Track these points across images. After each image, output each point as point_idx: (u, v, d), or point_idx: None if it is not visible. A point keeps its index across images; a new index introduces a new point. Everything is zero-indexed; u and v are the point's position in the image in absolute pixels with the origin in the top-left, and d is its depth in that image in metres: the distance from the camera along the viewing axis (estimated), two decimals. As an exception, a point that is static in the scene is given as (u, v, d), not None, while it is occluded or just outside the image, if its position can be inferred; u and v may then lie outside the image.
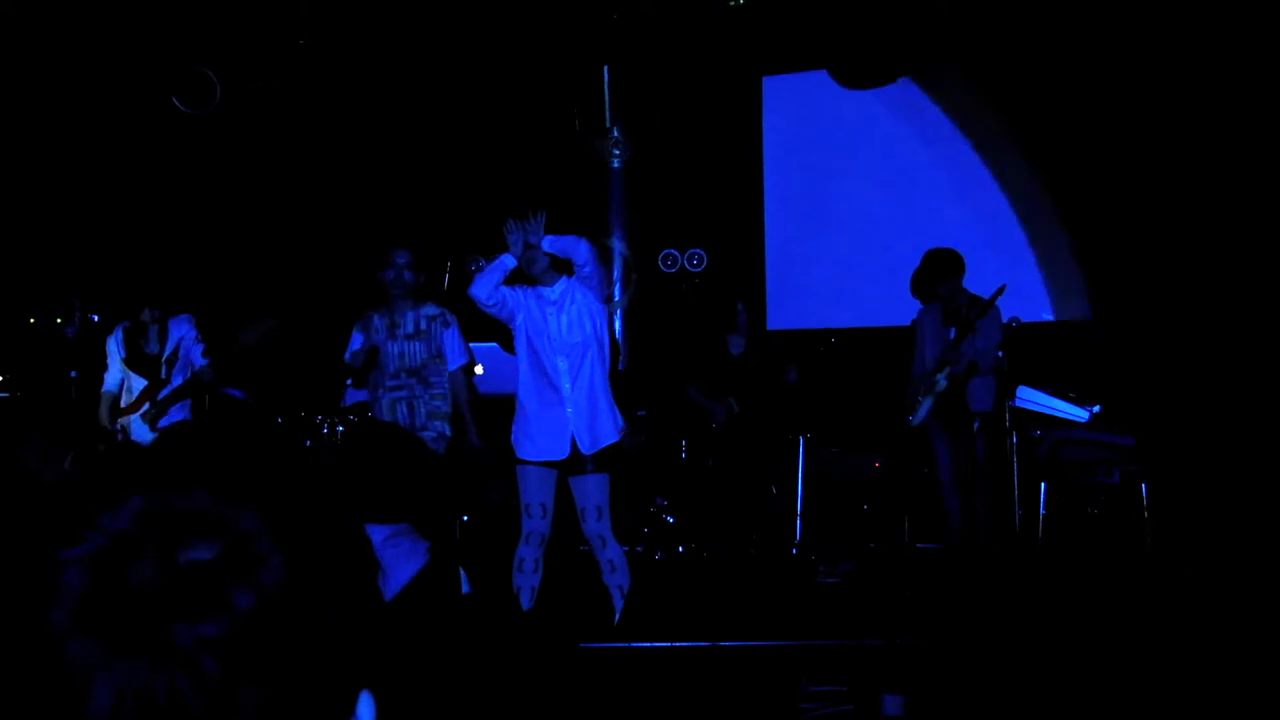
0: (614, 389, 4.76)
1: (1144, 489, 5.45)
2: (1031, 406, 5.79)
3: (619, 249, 8.22)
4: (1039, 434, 5.76)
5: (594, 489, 4.58)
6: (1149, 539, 5.40)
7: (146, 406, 5.57)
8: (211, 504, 0.62)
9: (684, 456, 6.75)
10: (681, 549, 6.58)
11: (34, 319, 6.71)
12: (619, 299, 8.13)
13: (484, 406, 5.31)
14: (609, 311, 4.76)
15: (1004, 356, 5.87)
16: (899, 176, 7.95)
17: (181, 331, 5.66)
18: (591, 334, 4.61)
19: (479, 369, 5.73)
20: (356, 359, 5.08)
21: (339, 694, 0.63)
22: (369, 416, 5.65)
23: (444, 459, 5.03)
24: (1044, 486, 5.68)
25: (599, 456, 4.59)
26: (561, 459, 4.58)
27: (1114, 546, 5.92)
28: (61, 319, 6.76)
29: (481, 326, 5.39)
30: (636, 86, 8.21)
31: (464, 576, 2.70)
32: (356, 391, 6.41)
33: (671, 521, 6.65)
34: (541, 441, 4.60)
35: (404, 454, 2.70)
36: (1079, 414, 5.77)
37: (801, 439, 6.74)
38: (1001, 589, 5.46)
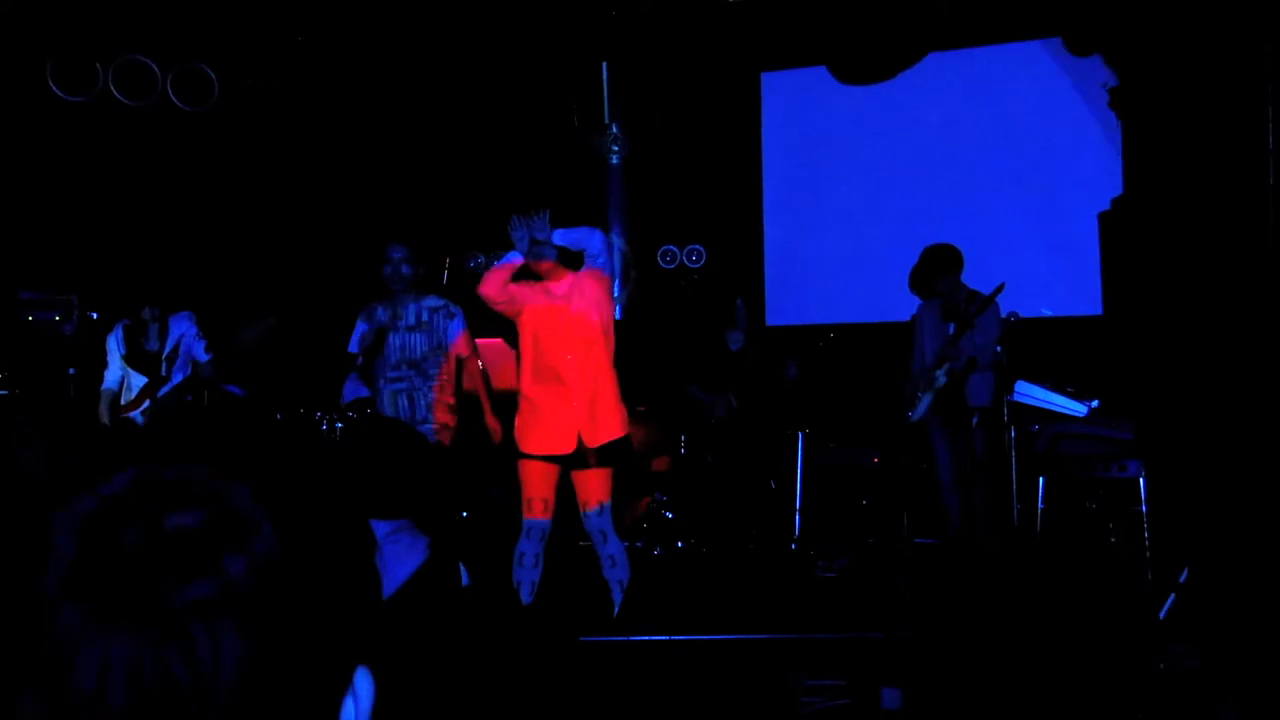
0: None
1: (1142, 483, 5.46)
2: (1030, 401, 5.79)
3: (618, 245, 8.23)
4: (1037, 429, 5.76)
5: (596, 484, 4.57)
6: (1146, 533, 5.41)
7: (147, 404, 5.58)
8: (205, 476, 0.62)
9: (683, 452, 6.76)
10: (681, 544, 6.59)
11: (32, 316, 6.71)
12: (618, 295, 8.13)
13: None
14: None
15: (1002, 352, 5.88)
16: (898, 173, 7.95)
17: (182, 329, 5.66)
18: (599, 328, 4.58)
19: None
20: (365, 339, 5.04)
21: (335, 669, 0.63)
22: (369, 412, 5.65)
23: (446, 453, 5.01)
24: (1042, 481, 5.68)
25: (603, 451, 4.56)
26: (566, 454, 4.55)
27: (1112, 541, 5.93)
28: (60, 316, 6.76)
29: (481, 323, 5.39)
30: (635, 83, 8.21)
31: (464, 571, 2.70)
32: (356, 388, 6.42)
33: (670, 517, 6.65)
34: (546, 436, 4.56)
35: (404, 449, 2.70)
36: (1077, 409, 5.76)
37: (800, 434, 6.74)
38: (999, 583, 5.47)
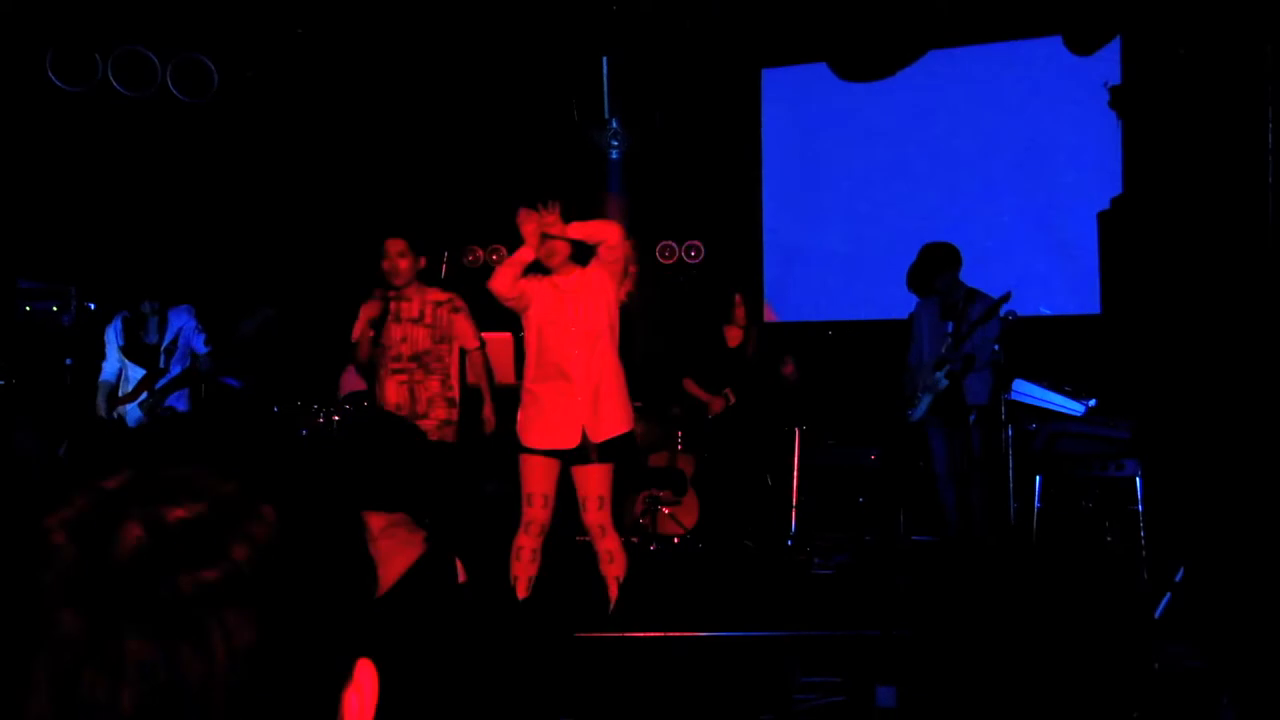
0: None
1: (1138, 483, 5.46)
2: (1027, 400, 5.78)
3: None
4: (1034, 427, 5.76)
5: (597, 479, 4.52)
6: (1143, 533, 5.41)
7: (144, 396, 5.57)
8: (203, 473, 0.62)
9: (680, 448, 6.76)
10: (677, 540, 6.59)
11: (30, 306, 6.70)
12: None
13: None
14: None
15: (1000, 350, 5.88)
16: (897, 170, 7.94)
17: (181, 322, 5.66)
18: (606, 323, 4.54)
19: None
20: (374, 325, 5.00)
21: (337, 659, 0.63)
22: (365, 405, 5.64)
23: (448, 447, 4.99)
24: (1039, 480, 5.68)
25: (606, 446, 4.52)
26: (569, 449, 4.52)
27: (1108, 540, 5.93)
28: (58, 307, 6.75)
29: (483, 317, 5.37)
30: (635, 78, 8.20)
31: (459, 566, 2.70)
32: (353, 381, 6.40)
33: (667, 512, 6.65)
34: (550, 430, 4.52)
35: (401, 443, 2.70)
36: (1075, 408, 5.76)
37: (797, 431, 6.75)
38: (996, 582, 5.47)
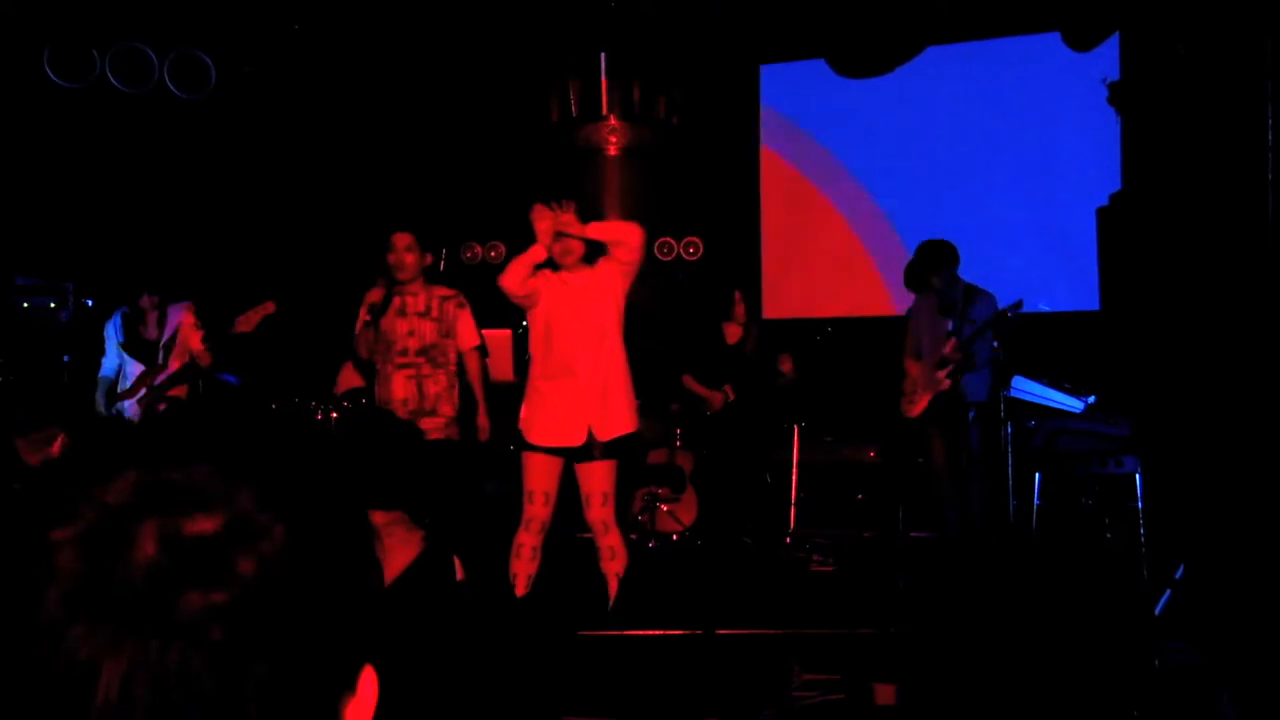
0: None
1: (1138, 480, 5.46)
2: (1026, 397, 5.78)
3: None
4: (1034, 424, 5.76)
5: (601, 475, 4.49)
6: (1142, 530, 5.41)
7: (143, 392, 5.56)
8: (209, 477, 0.61)
9: (679, 445, 6.75)
10: (675, 537, 6.59)
11: (27, 302, 6.68)
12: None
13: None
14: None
15: (999, 347, 5.88)
16: (895, 167, 7.93)
17: (180, 317, 5.65)
18: (614, 321, 4.51)
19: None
20: (373, 311, 4.98)
21: (342, 667, 0.62)
22: (364, 402, 5.62)
23: (454, 445, 4.96)
24: (1038, 477, 5.68)
25: (612, 444, 4.49)
26: (575, 447, 4.48)
27: (1107, 537, 5.93)
28: (55, 303, 6.73)
29: (483, 314, 5.35)
30: (633, 74, 8.18)
31: (458, 565, 2.69)
32: (351, 378, 6.38)
33: (666, 509, 6.65)
34: (555, 428, 4.48)
35: (399, 440, 2.69)
36: (1074, 404, 5.76)
37: (796, 428, 6.74)
38: (995, 579, 5.47)
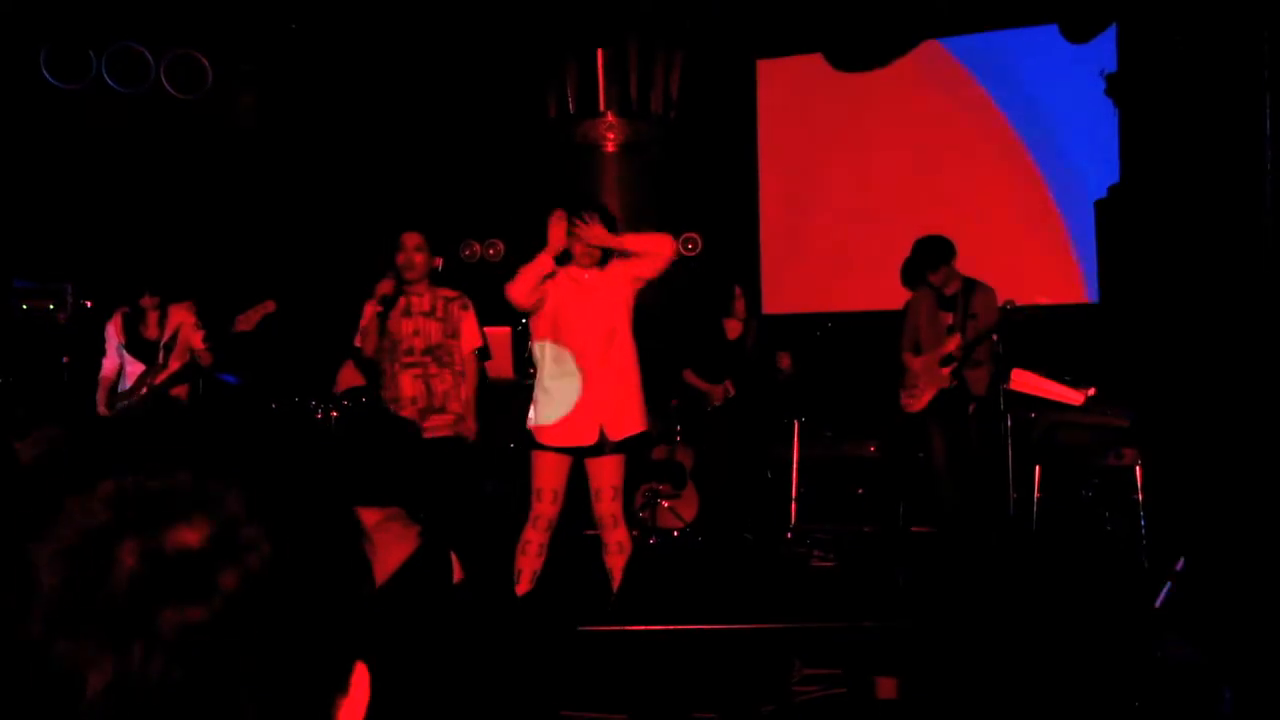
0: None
1: (1138, 472, 5.46)
2: (1026, 390, 5.78)
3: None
4: (1034, 417, 5.76)
5: (611, 469, 4.46)
6: (1143, 522, 5.42)
7: (144, 391, 5.57)
8: (192, 484, 0.59)
9: (679, 440, 6.75)
10: (676, 533, 6.59)
11: (26, 305, 6.68)
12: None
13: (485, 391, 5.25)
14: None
15: (998, 341, 5.87)
16: (894, 160, 7.92)
17: (180, 317, 5.66)
18: (625, 319, 4.47)
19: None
20: (385, 302, 4.99)
21: (334, 668, 0.62)
22: (364, 401, 5.62)
23: (456, 442, 4.95)
24: (1038, 470, 5.68)
25: (623, 441, 4.46)
26: (585, 447, 4.45)
27: (1108, 530, 5.93)
28: (54, 305, 6.74)
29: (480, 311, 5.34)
30: (630, 70, 8.17)
31: (455, 562, 2.69)
32: (351, 377, 6.38)
33: (667, 505, 6.65)
34: (567, 429, 4.43)
35: (394, 437, 2.69)
36: (1073, 397, 5.76)
37: (796, 423, 6.74)
38: (995, 572, 5.47)
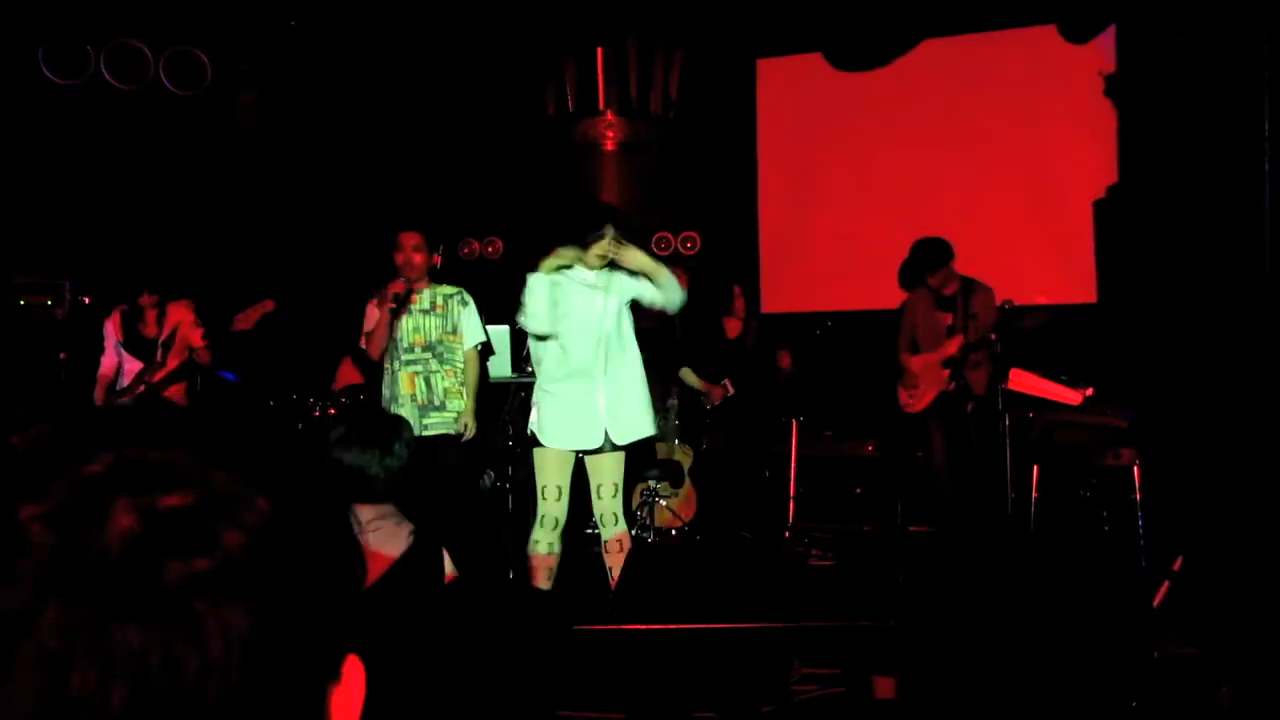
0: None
1: (1136, 471, 5.46)
2: (1024, 390, 5.78)
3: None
4: (1031, 417, 5.76)
5: (611, 466, 4.45)
6: (1141, 522, 5.42)
7: (142, 389, 5.57)
8: (190, 458, 0.59)
9: (678, 440, 6.75)
10: (674, 532, 6.59)
11: (24, 300, 6.68)
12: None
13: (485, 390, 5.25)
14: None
15: (996, 340, 5.87)
16: (893, 160, 7.92)
17: (179, 316, 5.66)
18: (626, 321, 4.45)
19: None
20: (401, 300, 4.94)
21: (326, 653, 0.61)
22: (362, 399, 5.63)
23: (454, 439, 4.95)
24: (1036, 469, 5.68)
25: (627, 444, 4.44)
26: (591, 449, 4.43)
27: (1106, 529, 5.93)
28: (52, 301, 6.73)
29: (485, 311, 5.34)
30: (630, 69, 8.17)
31: (449, 559, 2.69)
32: (349, 374, 6.38)
33: (665, 504, 6.65)
34: (571, 431, 4.40)
35: (389, 434, 2.68)
36: (1071, 397, 5.76)
37: (794, 422, 6.74)
38: (993, 572, 5.47)
